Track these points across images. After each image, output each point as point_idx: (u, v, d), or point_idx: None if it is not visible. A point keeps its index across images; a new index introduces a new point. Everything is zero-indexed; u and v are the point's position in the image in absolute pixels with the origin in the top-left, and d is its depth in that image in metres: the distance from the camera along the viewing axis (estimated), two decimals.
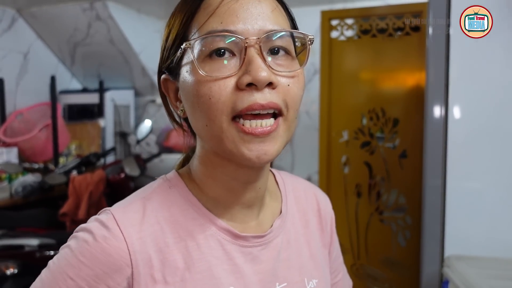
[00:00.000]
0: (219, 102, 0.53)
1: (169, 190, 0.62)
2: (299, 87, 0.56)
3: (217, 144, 0.56)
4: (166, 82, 0.62)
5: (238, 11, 0.54)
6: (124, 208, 0.58)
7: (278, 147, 0.55)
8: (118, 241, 0.54)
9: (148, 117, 3.91)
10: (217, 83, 0.53)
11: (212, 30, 0.54)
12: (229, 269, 0.59)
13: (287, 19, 0.60)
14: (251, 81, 0.52)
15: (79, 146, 3.73)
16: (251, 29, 0.54)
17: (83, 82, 4.08)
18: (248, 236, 0.62)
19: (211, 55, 0.54)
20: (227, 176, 0.60)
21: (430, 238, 1.47)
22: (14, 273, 1.98)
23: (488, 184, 1.43)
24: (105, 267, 0.53)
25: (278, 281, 0.63)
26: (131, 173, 2.75)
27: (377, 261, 2.04)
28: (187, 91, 0.56)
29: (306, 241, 0.70)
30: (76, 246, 0.55)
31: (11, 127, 3.35)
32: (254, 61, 0.52)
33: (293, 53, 0.58)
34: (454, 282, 1.19)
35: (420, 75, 1.92)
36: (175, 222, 0.59)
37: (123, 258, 0.54)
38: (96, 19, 3.37)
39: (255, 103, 0.52)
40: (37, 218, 2.52)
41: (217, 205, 0.62)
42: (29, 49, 3.58)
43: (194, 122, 0.58)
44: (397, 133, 1.98)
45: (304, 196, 0.75)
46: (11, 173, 2.93)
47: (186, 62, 0.57)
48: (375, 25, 1.99)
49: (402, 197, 1.98)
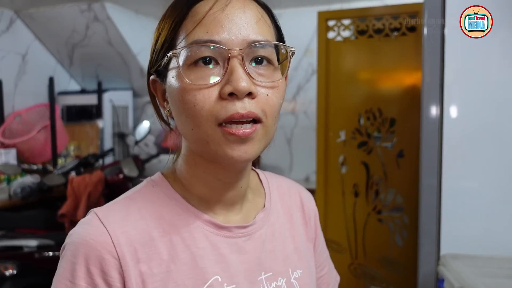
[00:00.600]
0: (203, 110, 0.56)
1: (153, 189, 0.64)
2: (278, 96, 0.59)
3: (202, 146, 0.59)
4: (154, 83, 0.66)
5: (223, 21, 0.57)
6: (107, 207, 0.61)
7: (257, 149, 0.58)
8: (103, 236, 0.57)
9: (146, 118, 3.92)
10: (201, 92, 0.56)
11: (198, 39, 0.56)
12: (214, 259, 0.62)
13: (272, 28, 0.62)
14: (232, 91, 0.55)
15: (77, 147, 3.73)
16: (235, 39, 0.56)
17: (81, 83, 4.08)
18: (231, 226, 0.64)
19: (197, 62, 0.57)
20: (210, 176, 0.63)
21: (426, 237, 1.48)
22: (13, 274, 1.99)
23: (484, 184, 1.43)
24: (96, 263, 0.56)
25: (264, 271, 0.66)
26: (129, 174, 2.75)
27: (375, 260, 2.05)
28: (173, 96, 0.59)
29: (290, 234, 0.73)
30: (68, 251, 0.58)
31: (9, 128, 3.35)
32: (235, 71, 0.55)
33: (275, 62, 0.61)
34: (449, 280, 1.20)
35: (417, 75, 1.93)
36: (160, 217, 0.61)
37: (110, 251, 0.56)
38: (94, 20, 3.38)
39: (236, 113, 0.55)
40: (36, 219, 2.53)
41: (201, 202, 0.65)
42: (27, 50, 3.58)
43: (180, 125, 0.61)
44: (394, 133, 1.99)
45: (288, 193, 0.78)
46: (10, 174, 2.94)
47: (172, 68, 0.59)
48: (372, 26, 2.00)
49: (399, 197, 1.99)
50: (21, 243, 2.15)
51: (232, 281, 0.62)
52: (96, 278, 0.55)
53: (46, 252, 2.13)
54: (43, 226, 2.53)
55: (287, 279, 0.68)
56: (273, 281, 0.67)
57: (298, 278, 0.70)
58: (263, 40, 0.58)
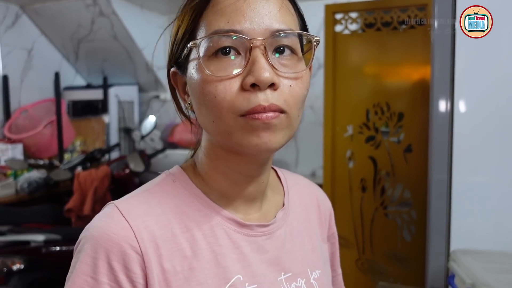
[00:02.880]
0: (224, 101, 0.54)
1: (173, 184, 0.62)
2: (302, 87, 0.57)
3: (224, 138, 0.57)
4: (175, 75, 0.63)
5: (245, 10, 0.55)
6: (127, 200, 0.59)
7: (281, 138, 0.56)
8: (125, 231, 0.55)
9: (152, 113, 3.92)
10: (223, 83, 0.54)
11: (219, 29, 0.54)
12: (236, 258, 0.60)
13: (296, 16, 0.60)
14: (254, 82, 0.53)
15: (83, 142, 3.74)
16: (257, 28, 0.54)
17: (87, 78, 4.09)
18: (252, 225, 0.63)
19: (217, 53, 0.55)
20: (231, 169, 0.62)
21: (435, 232, 1.46)
22: (21, 268, 2.00)
23: (494, 178, 1.42)
24: (119, 258, 0.54)
25: (284, 271, 0.64)
26: (135, 169, 2.76)
27: (382, 256, 2.04)
28: (194, 87, 0.57)
29: (308, 234, 0.72)
30: (87, 246, 0.55)
31: (16, 123, 3.36)
32: (258, 61, 0.53)
33: (299, 52, 0.59)
34: (460, 276, 1.18)
35: (425, 69, 1.90)
36: (181, 213, 0.60)
37: (133, 247, 0.54)
38: (100, 15, 3.37)
39: (258, 105, 0.53)
40: (42, 214, 2.54)
41: (221, 197, 0.63)
42: (33, 45, 3.58)
43: (200, 118, 0.59)
44: (402, 127, 1.97)
45: (306, 192, 0.77)
46: (17, 169, 2.95)
47: (192, 59, 0.57)
48: (380, 19, 1.97)
49: (407, 192, 1.98)
50: (28, 238, 2.15)
51: (254, 280, 0.60)
52: (119, 274, 0.53)
53: (53, 247, 2.14)
54: (50, 221, 2.53)
55: (306, 280, 0.67)
56: (293, 282, 0.65)
57: (317, 279, 0.68)
58: (286, 29, 0.56)
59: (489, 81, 1.42)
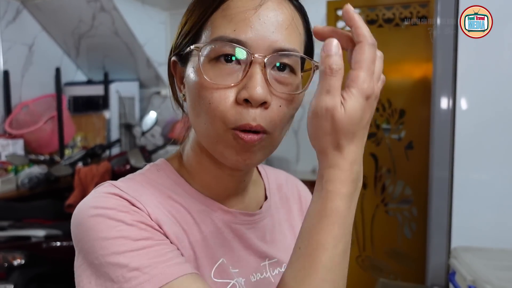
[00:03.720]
0: (217, 110, 0.54)
1: (157, 173, 0.64)
2: (291, 108, 0.58)
3: (210, 143, 0.58)
4: (175, 65, 0.64)
5: (253, 21, 0.54)
6: (119, 181, 0.60)
7: (259, 157, 0.58)
8: (127, 196, 0.56)
9: (153, 109, 3.91)
10: (218, 92, 0.54)
11: (224, 36, 0.54)
12: (219, 242, 0.62)
13: (303, 35, 0.60)
14: (247, 98, 0.53)
15: (84, 138, 3.73)
16: (261, 43, 0.54)
17: (88, 74, 4.08)
18: (236, 212, 0.65)
19: (218, 58, 0.55)
20: (214, 165, 0.63)
21: (436, 229, 1.46)
22: (21, 263, 2.00)
23: (496, 176, 1.41)
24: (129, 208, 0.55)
25: (268, 257, 0.67)
26: (136, 165, 2.75)
27: (383, 253, 2.04)
28: (190, 86, 0.58)
29: (289, 225, 0.74)
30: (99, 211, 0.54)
31: (16, 119, 3.36)
32: (254, 78, 0.53)
33: (298, 72, 0.59)
34: (461, 273, 1.18)
35: (427, 66, 1.90)
36: (168, 197, 0.61)
37: (136, 204, 0.55)
38: (101, 11, 3.36)
39: (247, 124, 0.54)
40: (43, 209, 2.54)
41: (204, 188, 0.64)
42: (34, 41, 3.58)
43: (193, 116, 0.59)
44: (403, 124, 1.96)
45: (286, 185, 0.79)
46: (17, 165, 2.95)
47: (194, 59, 0.58)
48: (382, 15, 1.97)
49: (408, 189, 1.97)
50: (29, 233, 2.16)
51: (236, 265, 0.62)
52: (145, 216, 0.55)
53: (53, 242, 2.14)
54: (51, 216, 2.54)
55: None
56: (277, 267, 0.67)
57: None
58: (290, 49, 0.55)
59: (492, 78, 1.41)
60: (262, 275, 0.65)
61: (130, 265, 0.49)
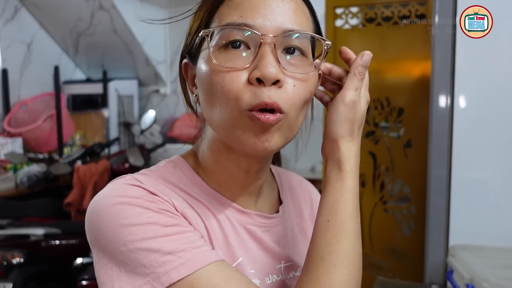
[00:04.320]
0: (231, 92, 0.54)
1: (174, 170, 0.63)
2: (306, 89, 0.57)
3: (226, 130, 0.57)
4: (186, 67, 0.64)
5: (259, 6, 0.55)
6: (138, 174, 0.60)
7: (279, 140, 0.57)
8: (149, 188, 0.56)
9: (151, 107, 3.91)
10: (230, 74, 0.54)
11: (231, 22, 0.55)
12: (237, 242, 0.62)
13: (311, 21, 0.61)
14: (259, 77, 0.53)
15: (83, 136, 3.73)
16: (269, 25, 0.55)
17: (86, 72, 4.07)
18: (252, 213, 0.64)
19: (227, 46, 0.55)
20: (231, 163, 0.63)
21: (434, 227, 1.46)
22: (20, 262, 2.00)
23: (494, 174, 1.42)
24: (153, 198, 0.55)
25: (284, 260, 0.66)
26: (135, 163, 2.75)
27: (381, 251, 2.04)
28: (202, 77, 0.58)
29: (301, 229, 0.74)
30: (118, 198, 0.54)
31: (15, 117, 3.36)
32: (265, 57, 0.54)
33: (309, 55, 0.59)
34: (458, 271, 1.19)
35: (426, 64, 1.90)
36: (187, 194, 0.61)
37: (160, 194, 0.56)
38: (99, 9, 3.36)
39: (262, 102, 0.53)
40: (42, 208, 2.54)
41: (219, 188, 0.64)
42: (32, 39, 3.57)
43: (206, 109, 0.59)
44: (402, 122, 1.96)
45: (298, 188, 0.79)
46: (16, 163, 2.94)
47: (203, 50, 0.58)
48: (380, 13, 1.96)
49: (407, 187, 1.97)
50: (28, 232, 2.16)
51: (252, 265, 0.62)
52: (170, 206, 0.55)
53: (52, 241, 2.14)
54: (50, 214, 2.54)
55: None
56: (292, 270, 0.67)
57: None
58: (298, 30, 0.56)
59: (490, 76, 1.41)
60: (278, 277, 0.64)
61: (163, 250, 0.50)
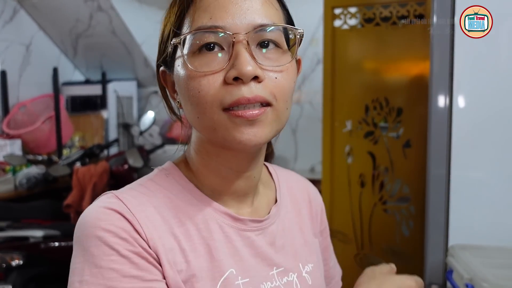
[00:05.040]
0: (208, 95, 0.54)
1: (166, 178, 0.63)
2: (288, 79, 0.57)
3: (210, 133, 0.57)
4: (164, 75, 0.64)
5: (227, 6, 0.55)
6: (124, 191, 0.59)
7: (268, 132, 0.56)
8: (126, 212, 0.55)
9: (151, 108, 3.91)
10: (206, 78, 0.54)
11: (202, 25, 0.55)
12: (228, 252, 0.60)
13: (280, 10, 0.60)
14: (237, 75, 0.53)
15: (82, 137, 3.73)
16: (239, 23, 0.54)
17: (85, 73, 4.07)
18: (246, 219, 0.63)
19: (201, 49, 0.55)
20: (221, 165, 0.62)
21: (434, 227, 1.46)
22: (19, 264, 2.00)
23: (493, 174, 1.42)
24: (127, 232, 0.54)
25: (276, 266, 0.65)
26: (134, 164, 2.75)
27: (381, 251, 2.04)
28: (179, 84, 0.58)
29: (299, 228, 0.73)
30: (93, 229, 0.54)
31: (14, 119, 3.35)
32: (240, 55, 0.53)
33: (283, 45, 0.59)
34: (458, 271, 1.19)
35: (424, 64, 1.90)
36: (175, 207, 0.60)
37: (135, 224, 0.54)
38: (98, 10, 3.35)
39: (242, 97, 0.53)
40: (41, 209, 2.53)
41: (213, 193, 0.63)
42: (31, 40, 3.57)
43: (187, 114, 0.60)
44: (401, 122, 1.97)
45: (296, 187, 0.77)
46: (15, 165, 2.94)
47: (178, 57, 0.58)
48: (379, 13, 1.97)
49: (406, 187, 1.98)
50: (27, 234, 2.15)
51: (246, 274, 0.61)
52: (134, 244, 0.53)
53: (52, 243, 2.14)
54: (49, 216, 2.53)
55: (298, 274, 0.67)
56: (285, 276, 0.66)
57: (310, 272, 0.69)
58: (269, 24, 0.56)
59: (488, 76, 1.41)
60: (273, 283, 0.63)
61: None
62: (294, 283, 0.66)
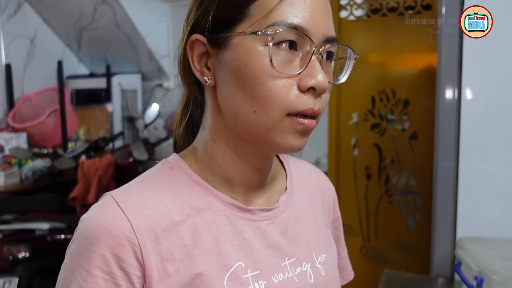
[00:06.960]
0: (278, 97, 0.54)
1: (170, 172, 0.61)
2: (330, 93, 0.60)
3: (258, 131, 0.56)
4: (195, 43, 0.59)
5: (312, 9, 0.54)
6: (123, 190, 0.58)
7: (307, 140, 0.59)
8: (121, 221, 0.53)
9: (155, 101, 3.90)
10: (283, 80, 0.54)
11: (291, 23, 0.53)
12: (237, 244, 0.59)
13: None
14: (314, 86, 0.54)
15: (87, 131, 3.74)
16: (317, 32, 0.55)
17: (90, 67, 4.07)
18: (255, 209, 0.62)
19: (279, 44, 0.53)
20: (239, 157, 0.61)
21: (441, 219, 1.45)
22: (26, 256, 2.01)
23: (501, 165, 1.40)
24: (114, 250, 0.52)
25: (288, 256, 0.64)
26: (139, 157, 2.76)
27: (387, 243, 2.03)
28: (237, 71, 0.55)
29: (312, 218, 0.71)
30: (82, 237, 0.54)
31: (19, 112, 3.36)
32: (318, 67, 0.54)
33: None
34: (467, 263, 1.18)
35: (431, 56, 1.88)
36: (180, 200, 0.58)
37: (129, 237, 0.53)
38: (102, 3, 3.34)
39: (310, 109, 0.55)
40: (47, 202, 2.54)
41: (223, 183, 0.62)
42: (35, 34, 3.56)
43: (235, 103, 0.56)
44: (408, 114, 1.95)
45: (309, 176, 0.76)
46: (21, 158, 2.95)
47: (244, 44, 0.54)
48: (386, 4, 1.94)
49: (412, 179, 1.96)
50: (33, 226, 2.16)
51: (256, 267, 0.59)
52: (113, 266, 0.52)
53: (58, 235, 2.15)
54: (55, 209, 2.54)
55: (311, 264, 0.66)
56: (298, 266, 0.64)
57: (323, 263, 0.68)
58: (335, 38, 0.57)
59: (497, 68, 1.40)
60: (285, 275, 0.62)
61: None
62: (307, 274, 0.64)
